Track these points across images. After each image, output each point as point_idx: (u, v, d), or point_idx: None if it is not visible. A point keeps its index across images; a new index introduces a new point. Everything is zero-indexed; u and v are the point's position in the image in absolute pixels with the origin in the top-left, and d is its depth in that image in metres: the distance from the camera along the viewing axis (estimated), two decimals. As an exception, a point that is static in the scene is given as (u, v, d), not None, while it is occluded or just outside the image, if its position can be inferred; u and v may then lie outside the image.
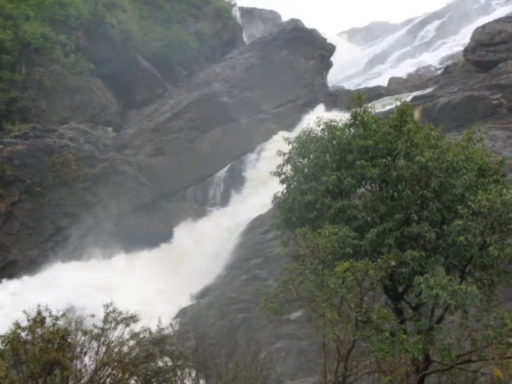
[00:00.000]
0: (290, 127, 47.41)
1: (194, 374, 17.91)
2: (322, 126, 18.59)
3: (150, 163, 47.66)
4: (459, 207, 16.22)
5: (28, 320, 15.56)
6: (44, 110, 48.58)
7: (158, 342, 17.01)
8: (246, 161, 48.52)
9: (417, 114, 36.80)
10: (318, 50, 58.03)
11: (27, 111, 47.69)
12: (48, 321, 15.63)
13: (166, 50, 58.28)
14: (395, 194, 17.47)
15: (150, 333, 17.04)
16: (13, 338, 15.19)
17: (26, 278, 39.50)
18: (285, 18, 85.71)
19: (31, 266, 41.07)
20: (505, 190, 16.32)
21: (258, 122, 51.30)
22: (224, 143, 49.35)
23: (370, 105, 18.89)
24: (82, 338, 15.98)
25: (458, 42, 70.07)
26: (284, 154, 18.83)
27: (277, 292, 16.26)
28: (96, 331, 16.14)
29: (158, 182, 47.14)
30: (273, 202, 18.95)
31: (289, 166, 18.67)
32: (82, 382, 15.70)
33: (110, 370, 15.91)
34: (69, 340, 15.55)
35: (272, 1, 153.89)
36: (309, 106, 52.61)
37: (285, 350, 28.10)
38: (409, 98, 41.19)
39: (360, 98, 18.45)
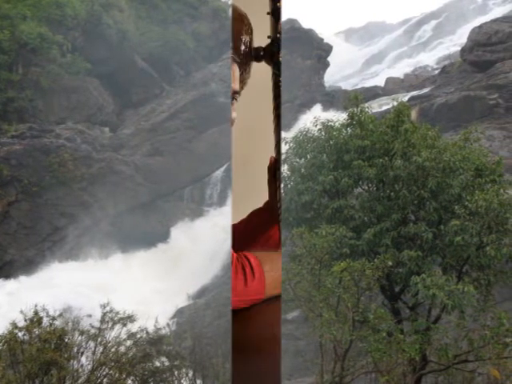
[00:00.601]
0: (286, 127, 47.22)
1: (190, 374, 17.91)
2: (318, 126, 18.60)
3: (146, 163, 47.65)
4: (456, 207, 16.23)
5: (25, 320, 15.56)
6: (41, 110, 48.53)
7: (154, 342, 17.00)
8: (243, 161, 48.43)
9: (414, 114, 36.78)
10: (315, 50, 58.06)
11: (24, 111, 47.65)
12: (45, 321, 15.64)
13: (163, 50, 58.20)
14: (392, 194, 17.47)
15: (147, 333, 17.03)
16: (10, 338, 15.18)
17: (22, 278, 39.47)
18: (282, 18, 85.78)
19: (28, 265, 41.04)
20: (502, 190, 16.36)
21: (255, 122, 51.23)
22: (221, 143, 49.29)
23: (366, 105, 18.91)
24: (79, 338, 15.99)
25: (455, 41, 70.09)
26: (281, 154, 18.78)
27: (274, 292, 16.21)
28: (93, 331, 16.14)
29: (155, 182, 47.11)
30: (270, 201, 18.87)
31: (286, 166, 18.65)
32: (79, 382, 15.68)
33: (106, 370, 15.91)
34: (66, 340, 15.55)
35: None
36: (306, 105, 52.58)
37: (282, 350, 28.07)
38: (406, 98, 41.12)
39: (357, 98, 18.46)
